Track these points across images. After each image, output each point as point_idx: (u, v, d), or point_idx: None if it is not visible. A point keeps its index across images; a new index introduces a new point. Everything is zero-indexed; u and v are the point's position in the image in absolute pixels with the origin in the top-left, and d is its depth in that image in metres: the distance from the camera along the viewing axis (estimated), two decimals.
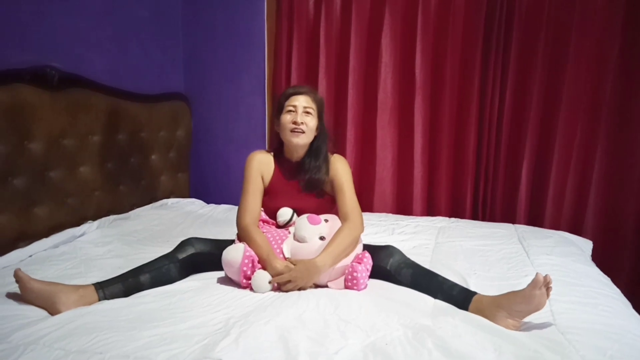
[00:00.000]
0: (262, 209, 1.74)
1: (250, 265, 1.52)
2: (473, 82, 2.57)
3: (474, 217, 2.69)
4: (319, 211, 1.68)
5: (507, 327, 1.28)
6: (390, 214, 2.66)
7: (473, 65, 2.55)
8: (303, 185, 1.72)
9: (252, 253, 1.54)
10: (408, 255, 1.64)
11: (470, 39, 2.55)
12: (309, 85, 2.74)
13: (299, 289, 1.51)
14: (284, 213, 1.69)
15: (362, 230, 1.64)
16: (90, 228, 2.11)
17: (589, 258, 2.03)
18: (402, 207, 2.78)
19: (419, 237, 2.14)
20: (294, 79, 2.79)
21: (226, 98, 2.98)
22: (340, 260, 1.54)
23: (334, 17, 2.72)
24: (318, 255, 1.52)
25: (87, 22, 2.27)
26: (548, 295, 1.29)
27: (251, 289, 1.51)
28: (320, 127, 1.73)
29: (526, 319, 1.31)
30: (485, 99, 2.57)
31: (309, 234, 1.56)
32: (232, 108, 2.98)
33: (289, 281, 1.48)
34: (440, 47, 2.60)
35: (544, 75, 2.48)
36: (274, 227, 1.72)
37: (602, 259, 2.26)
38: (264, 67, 2.88)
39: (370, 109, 2.73)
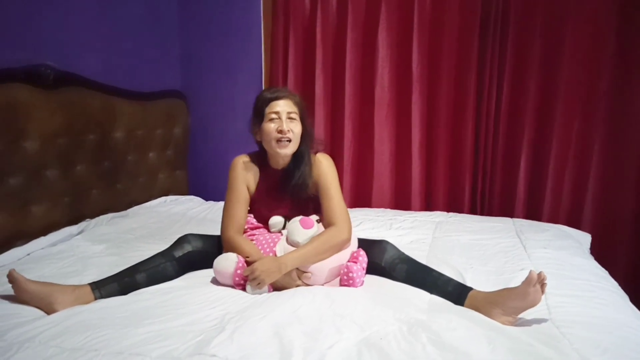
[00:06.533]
0: (252, 215, 1.71)
1: (241, 274, 1.49)
2: (470, 75, 2.56)
3: (472, 211, 2.69)
4: (308, 214, 1.65)
5: (502, 323, 1.27)
6: (389, 209, 2.65)
7: (470, 59, 2.54)
8: (290, 193, 1.65)
9: (244, 263, 1.50)
10: (405, 250, 1.63)
11: (466, 32, 2.54)
12: (304, 80, 2.75)
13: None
14: (276, 223, 1.65)
15: (348, 237, 1.56)
16: (88, 226, 2.12)
17: (587, 251, 2.03)
18: (400, 202, 2.78)
19: (416, 232, 2.14)
20: (290, 75, 2.78)
21: (223, 95, 2.98)
22: (311, 263, 1.50)
23: (330, 12, 2.71)
24: (288, 254, 1.50)
25: (82, 20, 2.26)
26: (543, 291, 1.28)
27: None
28: (303, 131, 1.63)
29: (521, 314, 1.30)
30: (482, 92, 2.57)
31: (302, 239, 1.53)
32: (229, 105, 2.97)
33: (254, 278, 1.44)
34: (437, 41, 2.59)
35: (541, 69, 2.47)
36: (265, 230, 1.69)
37: (601, 252, 2.26)
38: (261, 64, 2.88)
39: (368, 104, 2.73)
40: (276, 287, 1.51)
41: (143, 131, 2.61)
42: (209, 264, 1.62)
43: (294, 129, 1.59)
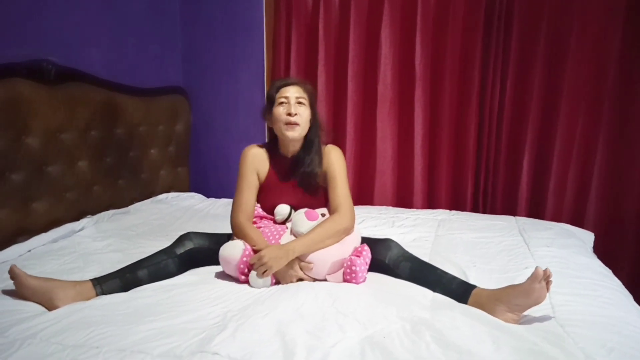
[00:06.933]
0: (259, 204, 1.72)
1: (247, 262, 1.50)
2: (473, 73, 2.54)
3: (475, 209, 2.68)
4: (315, 206, 1.66)
5: (506, 320, 1.27)
6: (391, 207, 2.65)
7: (473, 56, 2.53)
8: (299, 181, 1.68)
9: (251, 251, 1.52)
10: (408, 248, 1.63)
11: (470, 30, 2.52)
12: (307, 77, 2.74)
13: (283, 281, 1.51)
14: (282, 211, 1.66)
15: (351, 224, 1.59)
16: (89, 223, 2.11)
17: (591, 250, 2.02)
18: (403, 200, 2.77)
19: (419, 230, 2.13)
20: (293, 72, 2.77)
21: (225, 91, 2.97)
22: (315, 250, 1.52)
23: (332, 9, 2.69)
24: (293, 241, 1.53)
25: (84, 15, 2.25)
26: (548, 288, 1.27)
27: (249, 284, 1.50)
28: (312, 119, 1.67)
29: (526, 312, 1.30)
30: (485, 90, 2.55)
31: (305, 229, 1.55)
32: (232, 101, 2.96)
33: (261, 265, 1.46)
34: (440, 38, 2.58)
35: (545, 67, 2.46)
36: (271, 222, 1.70)
37: (604, 251, 2.25)
38: (263, 60, 2.87)
39: (370, 101, 2.72)
40: (278, 280, 1.51)
41: (145, 128, 2.60)
42: (210, 262, 1.63)
43: (302, 113, 1.63)
